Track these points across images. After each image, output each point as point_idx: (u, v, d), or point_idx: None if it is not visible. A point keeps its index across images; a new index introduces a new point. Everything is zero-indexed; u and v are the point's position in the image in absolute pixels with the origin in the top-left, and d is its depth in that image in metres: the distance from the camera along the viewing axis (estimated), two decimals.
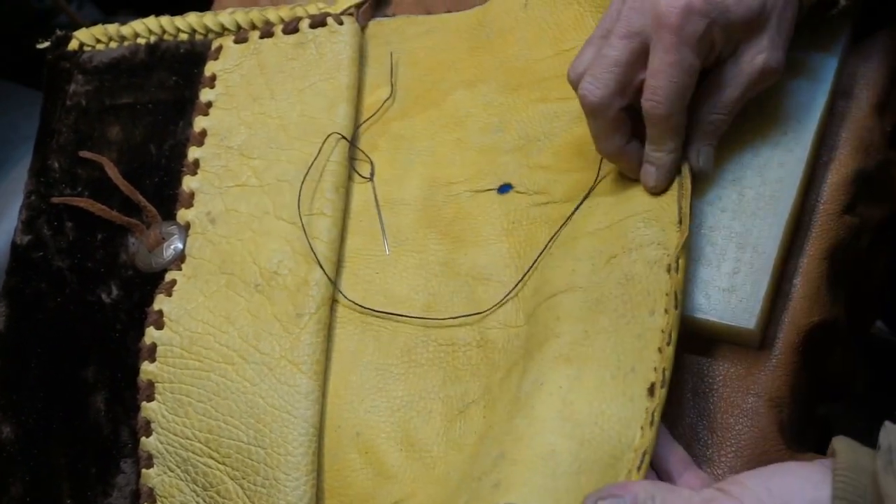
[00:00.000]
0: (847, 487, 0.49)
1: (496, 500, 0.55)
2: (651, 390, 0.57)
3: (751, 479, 0.52)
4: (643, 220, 0.63)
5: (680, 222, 0.62)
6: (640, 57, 0.62)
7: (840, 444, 0.51)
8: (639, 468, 0.55)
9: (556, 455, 0.56)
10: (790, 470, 0.52)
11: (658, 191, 0.64)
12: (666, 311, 0.59)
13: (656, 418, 0.56)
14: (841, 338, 0.66)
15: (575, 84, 0.64)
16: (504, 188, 0.72)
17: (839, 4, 0.66)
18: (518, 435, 0.58)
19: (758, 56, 0.63)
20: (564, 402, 0.58)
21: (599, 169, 0.68)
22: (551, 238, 0.67)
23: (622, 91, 0.63)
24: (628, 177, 0.67)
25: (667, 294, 0.60)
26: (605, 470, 0.55)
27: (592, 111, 0.64)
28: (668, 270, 0.60)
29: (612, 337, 0.59)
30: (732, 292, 0.63)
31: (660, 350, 0.58)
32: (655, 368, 0.58)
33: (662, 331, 0.59)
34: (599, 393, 0.57)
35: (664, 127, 0.62)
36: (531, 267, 0.67)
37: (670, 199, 0.64)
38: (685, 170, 0.64)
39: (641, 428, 0.56)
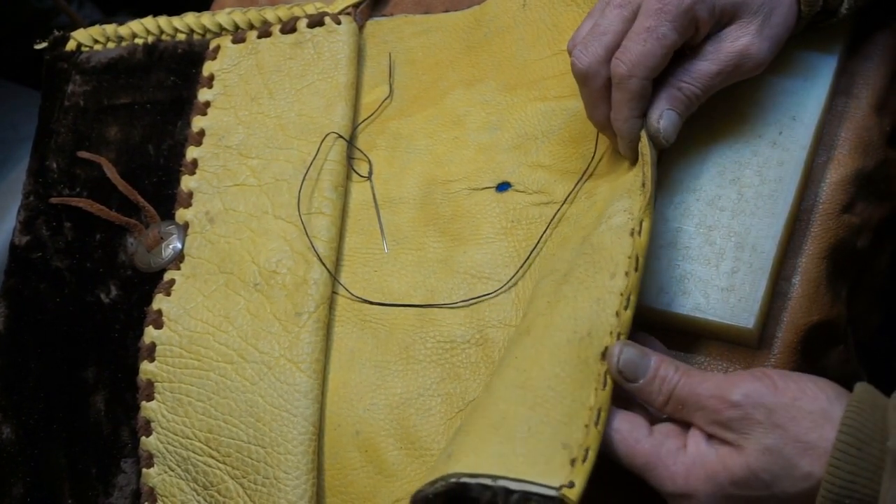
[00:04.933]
0: (857, 416, 0.52)
1: (447, 470, 0.55)
2: (604, 355, 0.57)
3: (775, 372, 0.55)
4: (618, 197, 0.63)
5: (643, 185, 0.62)
6: (630, 26, 0.63)
7: (860, 385, 0.54)
8: (596, 423, 0.55)
9: (506, 421, 0.56)
10: (813, 379, 0.55)
11: (628, 158, 0.65)
12: (626, 273, 0.59)
13: (609, 381, 0.57)
14: (841, 338, 0.66)
15: (570, 54, 0.65)
16: (503, 186, 0.72)
17: (839, 14, 0.66)
18: (475, 406, 0.58)
19: (741, 39, 0.63)
20: (518, 370, 0.58)
21: (594, 156, 0.68)
22: (543, 233, 0.68)
23: (610, 59, 0.63)
24: (620, 169, 0.67)
25: (629, 257, 0.59)
26: (559, 428, 0.55)
27: (581, 78, 0.65)
28: (632, 234, 0.60)
29: (571, 303, 0.59)
30: (731, 291, 0.63)
31: (617, 314, 0.58)
32: (611, 333, 0.58)
33: (622, 294, 0.58)
34: (553, 357, 0.57)
35: (623, 89, 0.63)
36: (526, 260, 0.68)
37: (637, 170, 0.64)
38: (644, 137, 0.64)
39: (595, 389, 0.56)
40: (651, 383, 0.56)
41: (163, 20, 0.85)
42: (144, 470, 0.70)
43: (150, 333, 0.73)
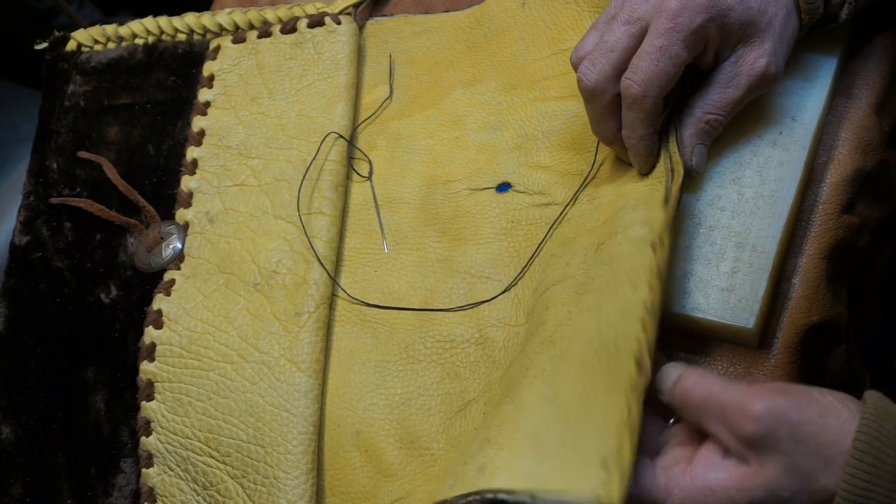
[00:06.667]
0: (872, 425, 0.51)
1: (481, 484, 0.54)
2: (639, 365, 0.56)
3: (794, 387, 0.54)
4: (632, 207, 0.63)
5: (666, 201, 0.62)
6: (638, 42, 0.63)
7: (872, 393, 0.53)
8: (631, 444, 0.54)
9: (540, 439, 0.55)
10: (832, 392, 0.54)
11: (642, 172, 0.65)
12: (649, 286, 0.58)
13: (640, 393, 0.56)
14: (842, 338, 0.66)
15: (575, 67, 0.65)
16: (503, 187, 0.72)
17: (839, 19, 0.66)
18: (504, 419, 0.57)
19: (760, 60, 0.63)
20: (548, 383, 0.57)
21: (595, 160, 0.68)
22: (546, 234, 0.68)
23: (617, 76, 0.63)
24: (626, 174, 0.67)
25: (650, 270, 0.59)
26: (592, 440, 0.54)
27: (588, 95, 0.64)
28: (653, 248, 0.60)
29: (595, 314, 0.59)
30: (731, 291, 0.63)
31: (643, 326, 0.57)
32: (639, 343, 0.57)
33: (645, 305, 0.58)
34: (582, 371, 0.57)
35: (637, 109, 0.63)
36: (529, 260, 0.68)
37: (657, 183, 0.64)
38: (676, 155, 0.64)
39: (626, 397, 0.56)
40: (672, 395, 0.56)
41: (163, 20, 0.85)
42: (144, 470, 0.70)
43: (150, 333, 0.73)
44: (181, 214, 0.78)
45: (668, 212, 0.61)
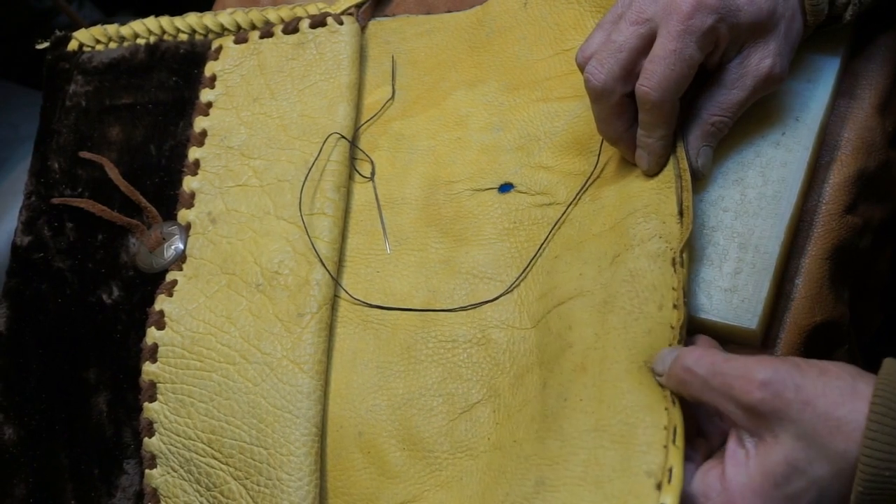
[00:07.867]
0: (888, 386, 0.51)
1: None
2: None
3: (793, 357, 0.54)
4: (643, 215, 0.63)
5: (681, 215, 0.62)
6: (647, 43, 0.62)
7: (888, 359, 0.53)
8: (673, 441, 0.55)
9: (590, 469, 0.56)
10: (830, 361, 0.54)
11: (651, 174, 0.65)
12: (675, 306, 0.59)
13: (676, 400, 0.56)
14: (844, 339, 0.66)
15: (581, 67, 0.64)
16: (505, 187, 0.72)
17: (843, 20, 0.66)
18: (553, 458, 0.58)
19: (764, 61, 0.63)
20: (587, 413, 0.58)
21: (598, 160, 0.68)
22: (548, 235, 0.68)
23: (626, 77, 0.63)
24: (630, 175, 0.67)
25: (674, 289, 0.60)
26: (640, 459, 0.55)
27: (595, 95, 0.64)
28: (673, 264, 0.60)
29: (622, 334, 0.59)
30: (734, 292, 0.63)
31: (669, 345, 0.58)
32: None
33: (672, 326, 0.59)
34: (617, 391, 0.57)
35: (656, 113, 0.63)
36: (530, 262, 0.68)
37: (668, 192, 0.64)
38: (683, 162, 0.64)
39: (666, 409, 0.56)
40: (671, 375, 0.56)
41: (165, 20, 0.85)
42: (147, 471, 0.70)
43: (153, 334, 0.73)
44: (183, 215, 0.77)
45: (686, 226, 0.61)
